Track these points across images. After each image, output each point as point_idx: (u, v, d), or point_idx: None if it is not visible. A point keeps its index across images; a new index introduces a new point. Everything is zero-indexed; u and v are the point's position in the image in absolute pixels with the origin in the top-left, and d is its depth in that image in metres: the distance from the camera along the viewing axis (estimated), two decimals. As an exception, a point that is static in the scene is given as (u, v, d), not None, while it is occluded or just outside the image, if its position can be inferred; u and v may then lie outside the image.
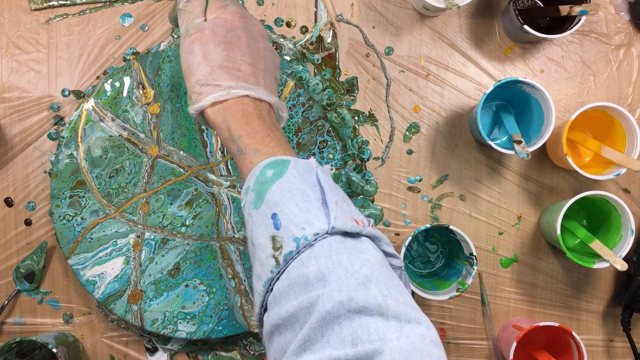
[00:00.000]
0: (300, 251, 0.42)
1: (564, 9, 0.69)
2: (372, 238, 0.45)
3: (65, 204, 0.70)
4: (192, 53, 0.51)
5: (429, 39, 0.74)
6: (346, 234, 0.43)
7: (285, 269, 0.43)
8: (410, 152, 0.74)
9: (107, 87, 0.70)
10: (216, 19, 0.52)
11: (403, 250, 0.67)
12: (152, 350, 0.74)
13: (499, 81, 0.66)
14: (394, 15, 0.74)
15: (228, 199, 0.71)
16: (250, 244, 0.46)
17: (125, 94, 0.70)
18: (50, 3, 0.73)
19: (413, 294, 0.74)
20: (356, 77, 0.74)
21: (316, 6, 0.74)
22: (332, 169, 0.51)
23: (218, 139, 0.71)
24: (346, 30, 0.74)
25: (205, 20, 0.52)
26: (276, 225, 0.44)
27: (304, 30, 0.74)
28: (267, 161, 0.47)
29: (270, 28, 0.74)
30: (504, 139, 0.73)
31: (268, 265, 0.43)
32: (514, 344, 0.66)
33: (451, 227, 0.66)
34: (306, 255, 0.42)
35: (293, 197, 0.44)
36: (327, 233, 0.42)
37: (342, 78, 0.74)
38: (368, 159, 0.74)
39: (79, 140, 0.70)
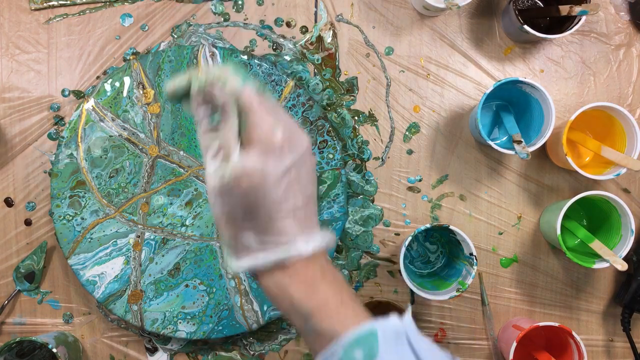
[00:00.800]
0: None
1: (564, 9, 0.69)
2: None
3: (65, 204, 0.70)
4: (232, 203, 0.39)
5: (429, 39, 0.74)
6: None
7: None
8: (410, 152, 0.74)
9: (107, 87, 0.70)
10: (263, 151, 0.38)
11: (403, 250, 0.67)
12: (152, 350, 0.74)
13: (499, 81, 0.66)
14: (394, 15, 0.74)
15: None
16: None
17: (125, 94, 0.70)
18: (50, 3, 0.73)
19: (413, 293, 0.74)
20: (356, 77, 0.74)
21: (316, 6, 0.74)
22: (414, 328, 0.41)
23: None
24: (346, 30, 0.74)
25: (243, 147, 0.39)
26: None
27: (304, 30, 0.74)
28: (350, 338, 0.37)
29: (270, 28, 0.74)
30: (504, 139, 0.73)
31: None
32: (514, 344, 0.66)
33: (451, 227, 0.66)
34: None
35: None
36: None
37: (342, 78, 0.74)
38: (368, 159, 0.74)
39: (79, 140, 0.70)
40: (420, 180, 0.74)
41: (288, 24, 0.74)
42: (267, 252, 0.39)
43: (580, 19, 0.68)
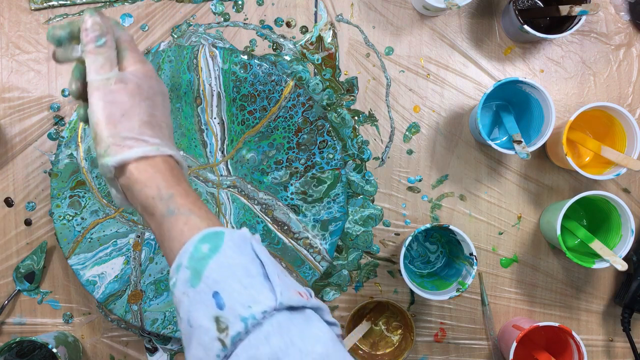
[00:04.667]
0: (248, 331, 0.39)
1: (564, 9, 0.69)
2: (316, 309, 0.43)
3: (65, 204, 0.70)
4: (114, 103, 0.47)
5: (429, 39, 0.74)
6: (292, 308, 0.41)
7: (233, 351, 0.40)
8: (410, 152, 0.74)
9: (107, 87, 0.70)
10: (137, 72, 0.49)
11: (403, 250, 0.67)
12: (152, 350, 0.74)
13: (499, 81, 0.66)
14: (394, 15, 0.74)
15: (228, 199, 0.71)
16: (187, 326, 0.42)
17: (125, 94, 0.70)
18: (50, 3, 0.73)
19: (413, 293, 0.74)
20: (356, 77, 0.74)
21: (316, 6, 0.74)
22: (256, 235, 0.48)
23: (218, 139, 0.71)
24: (346, 30, 0.74)
25: (121, 70, 0.49)
26: (219, 305, 0.40)
27: (304, 30, 0.74)
28: (199, 235, 0.43)
29: (270, 28, 0.74)
30: (504, 139, 0.73)
31: (213, 349, 0.40)
32: (514, 344, 0.66)
33: (451, 227, 0.66)
34: (255, 336, 0.39)
35: (234, 273, 0.41)
36: (274, 309, 0.40)
37: (342, 78, 0.74)
38: (368, 159, 0.74)
39: (79, 140, 0.70)
40: (420, 180, 0.74)
41: (288, 24, 0.74)
42: (139, 146, 0.47)
43: (580, 19, 0.68)
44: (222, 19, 0.74)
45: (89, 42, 0.48)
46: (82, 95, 0.50)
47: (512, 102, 0.73)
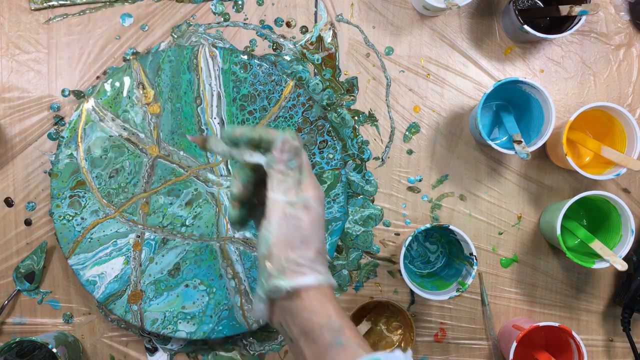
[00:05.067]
0: None
1: (564, 9, 0.69)
2: None
3: (65, 204, 0.70)
4: (296, 228, 0.48)
5: (429, 39, 0.74)
6: None
7: None
8: (410, 152, 0.74)
9: (107, 87, 0.70)
10: (317, 199, 0.50)
11: (403, 250, 0.67)
12: (152, 350, 0.74)
13: (499, 81, 0.66)
14: (394, 15, 0.74)
15: (228, 199, 0.71)
16: None
17: (125, 94, 0.70)
18: (50, 3, 0.73)
19: (413, 293, 0.74)
20: (356, 77, 0.74)
21: (316, 6, 0.74)
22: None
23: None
24: (346, 30, 0.74)
25: (301, 193, 0.50)
26: None
27: (304, 30, 0.74)
28: None
29: (270, 28, 0.74)
30: (504, 139, 0.73)
31: None
32: (514, 344, 0.66)
33: (451, 227, 0.66)
34: None
35: None
36: None
37: (342, 78, 0.74)
38: (368, 159, 0.74)
39: (79, 140, 0.70)
40: (420, 180, 0.74)
41: (288, 24, 0.74)
42: (313, 274, 0.48)
43: (580, 19, 0.68)
44: (222, 19, 0.74)
45: (281, 162, 0.49)
46: (242, 198, 0.52)
47: (512, 102, 0.73)
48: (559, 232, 0.66)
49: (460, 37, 0.74)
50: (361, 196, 0.74)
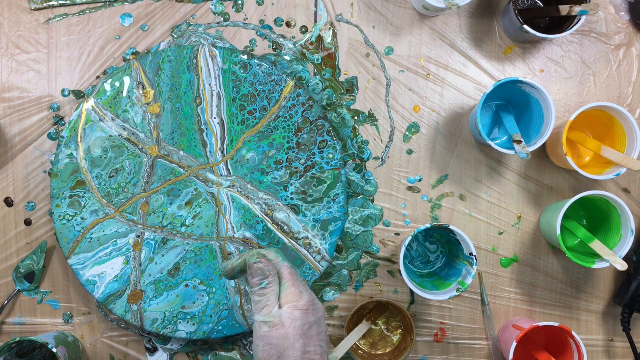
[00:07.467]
0: None
1: (564, 9, 0.69)
2: None
3: (65, 204, 0.70)
4: (271, 346, 0.52)
5: (429, 39, 0.74)
6: None
7: None
8: (410, 152, 0.74)
9: (107, 87, 0.70)
10: (294, 309, 0.53)
11: (403, 250, 0.67)
12: (152, 350, 0.74)
13: (499, 81, 0.66)
14: (394, 15, 0.74)
15: (228, 199, 0.71)
16: None
17: (125, 94, 0.71)
18: (50, 3, 0.73)
19: (413, 293, 0.74)
20: (356, 77, 0.74)
21: (316, 6, 0.74)
22: None
23: (218, 139, 0.71)
24: (346, 30, 0.74)
25: (281, 307, 0.53)
26: None
27: (304, 30, 0.74)
28: None
29: (270, 28, 0.74)
30: (504, 139, 0.73)
31: None
32: (514, 344, 0.66)
33: (451, 227, 0.66)
34: None
35: None
36: None
37: (342, 78, 0.74)
38: (368, 159, 0.74)
39: (79, 140, 0.70)
40: (420, 180, 0.74)
41: (288, 24, 0.74)
42: None
43: (580, 19, 0.68)
44: (222, 19, 0.74)
45: (254, 285, 0.54)
46: (233, 277, 0.57)
47: (512, 102, 0.73)
48: (559, 232, 0.66)
49: (460, 37, 0.74)
50: (361, 196, 0.74)
